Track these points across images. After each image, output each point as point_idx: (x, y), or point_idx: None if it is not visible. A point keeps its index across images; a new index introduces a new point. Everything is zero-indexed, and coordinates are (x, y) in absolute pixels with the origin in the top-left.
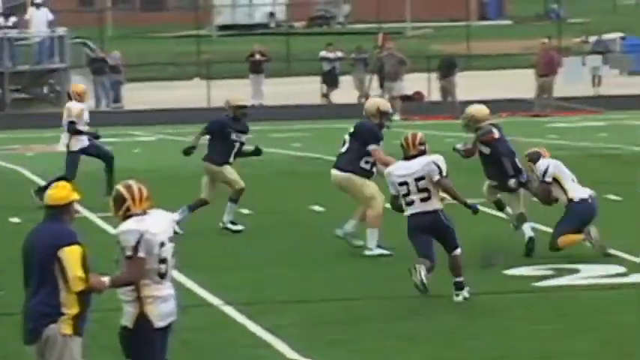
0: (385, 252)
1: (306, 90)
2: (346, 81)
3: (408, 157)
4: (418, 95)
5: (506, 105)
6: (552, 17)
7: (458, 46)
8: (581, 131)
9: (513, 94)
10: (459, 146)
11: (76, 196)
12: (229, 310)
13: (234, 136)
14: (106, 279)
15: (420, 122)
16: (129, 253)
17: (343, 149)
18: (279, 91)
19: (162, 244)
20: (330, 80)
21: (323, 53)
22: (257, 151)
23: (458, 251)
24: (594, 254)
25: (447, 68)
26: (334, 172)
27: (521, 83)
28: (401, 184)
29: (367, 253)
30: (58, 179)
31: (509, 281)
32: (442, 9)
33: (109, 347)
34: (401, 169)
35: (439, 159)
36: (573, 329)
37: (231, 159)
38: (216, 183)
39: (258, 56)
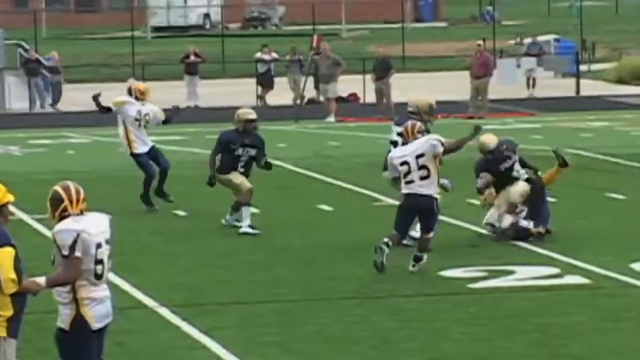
0: None
1: (241, 91)
2: (281, 83)
3: (407, 142)
4: (353, 97)
5: (440, 107)
6: (487, 19)
7: (393, 47)
8: (516, 133)
9: (448, 95)
10: (480, 185)
11: (10, 197)
12: (165, 312)
13: (239, 151)
14: (42, 279)
15: (354, 124)
16: (65, 252)
17: None
18: (215, 92)
19: (98, 245)
20: (265, 82)
21: (258, 55)
22: (267, 166)
23: (430, 234)
24: (529, 257)
25: (382, 70)
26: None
27: (455, 85)
28: (402, 163)
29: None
30: (146, 181)
31: (443, 283)
32: (377, 11)
33: (44, 350)
34: (401, 151)
35: (435, 135)
36: (508, 331)
37: (241, 170)
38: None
39: (193, 58)
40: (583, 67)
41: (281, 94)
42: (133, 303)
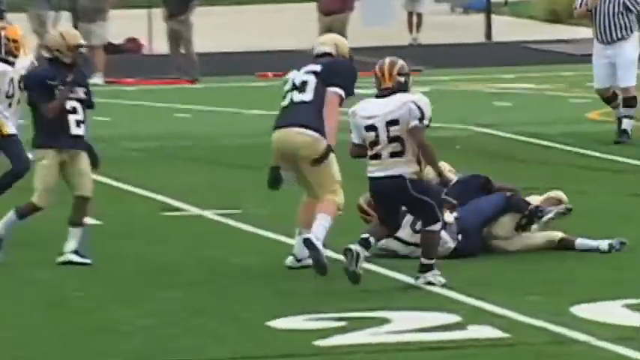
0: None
1: None
2: (19, 20)
3: (381, 93)
4: (133, 44)
5: (271, 59)
6: None
7: None
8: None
9: (284, 42)
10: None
11: None
12: None
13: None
14: None
15: (134, 87)
16: None
17: (306, 97)
18: None
19: None
20: None
21: None
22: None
23: (434, 226)
24: (414, 297)
25: (177, 3)
26: (288, 131)
27: (295, 26)
28: (368, 128)
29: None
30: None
31: (278, 338)
32: None
33: None
34: (369, 109)
35: (422, 99)
36: None
37: (72, 128)
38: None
39: None
40: None
41: None
42: None
